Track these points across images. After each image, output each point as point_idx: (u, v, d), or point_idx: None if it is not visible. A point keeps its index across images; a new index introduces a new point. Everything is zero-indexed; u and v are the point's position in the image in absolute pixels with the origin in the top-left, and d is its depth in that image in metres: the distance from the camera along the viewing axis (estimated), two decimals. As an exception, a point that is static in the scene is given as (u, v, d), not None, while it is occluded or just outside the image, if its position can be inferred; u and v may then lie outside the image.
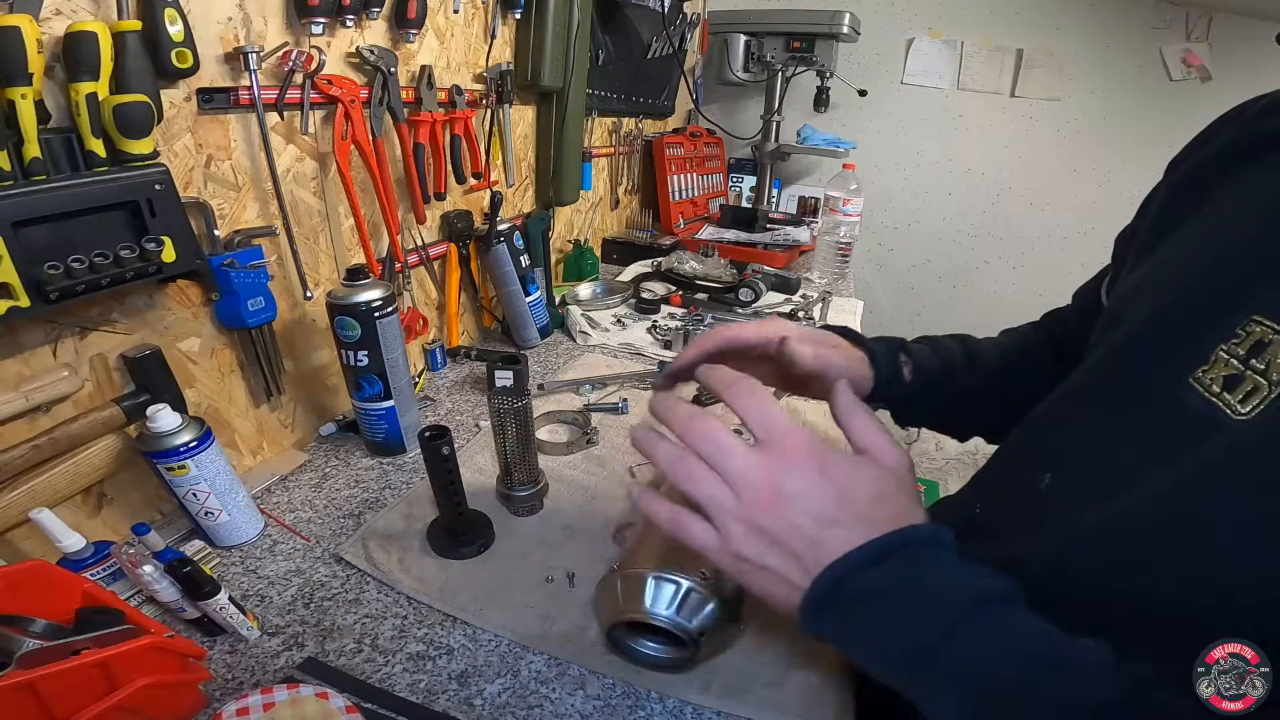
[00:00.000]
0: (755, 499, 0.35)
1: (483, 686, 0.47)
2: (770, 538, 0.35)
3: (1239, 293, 0.33)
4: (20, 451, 0.49)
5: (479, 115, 0.94)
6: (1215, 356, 0.32)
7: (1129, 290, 0.44)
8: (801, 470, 0.35)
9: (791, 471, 0.35)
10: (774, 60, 1.68)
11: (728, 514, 0.36)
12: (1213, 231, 0.38)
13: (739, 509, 0.35)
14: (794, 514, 0.35)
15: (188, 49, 0.52)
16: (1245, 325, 0.31)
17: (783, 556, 0.35)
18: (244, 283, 0.61)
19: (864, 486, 0.36)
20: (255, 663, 0.48)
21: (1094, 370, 0.42)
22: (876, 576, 0.34)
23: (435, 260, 0.93)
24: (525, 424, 0.60)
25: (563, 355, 1.03)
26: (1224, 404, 0.31)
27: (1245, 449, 0.29)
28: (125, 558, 0.45)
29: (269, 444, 0.73)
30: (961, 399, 0.59)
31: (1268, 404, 0.29)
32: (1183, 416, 0.32)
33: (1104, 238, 0.53)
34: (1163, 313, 0.37)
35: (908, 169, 2.00)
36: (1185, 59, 1.66)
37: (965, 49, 1.82)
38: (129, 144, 0.48)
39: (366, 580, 0.56)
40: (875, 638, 0.35)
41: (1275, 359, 0.29)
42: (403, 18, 0.74)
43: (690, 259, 1.32)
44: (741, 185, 2.01)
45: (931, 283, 2.13)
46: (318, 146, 0.70)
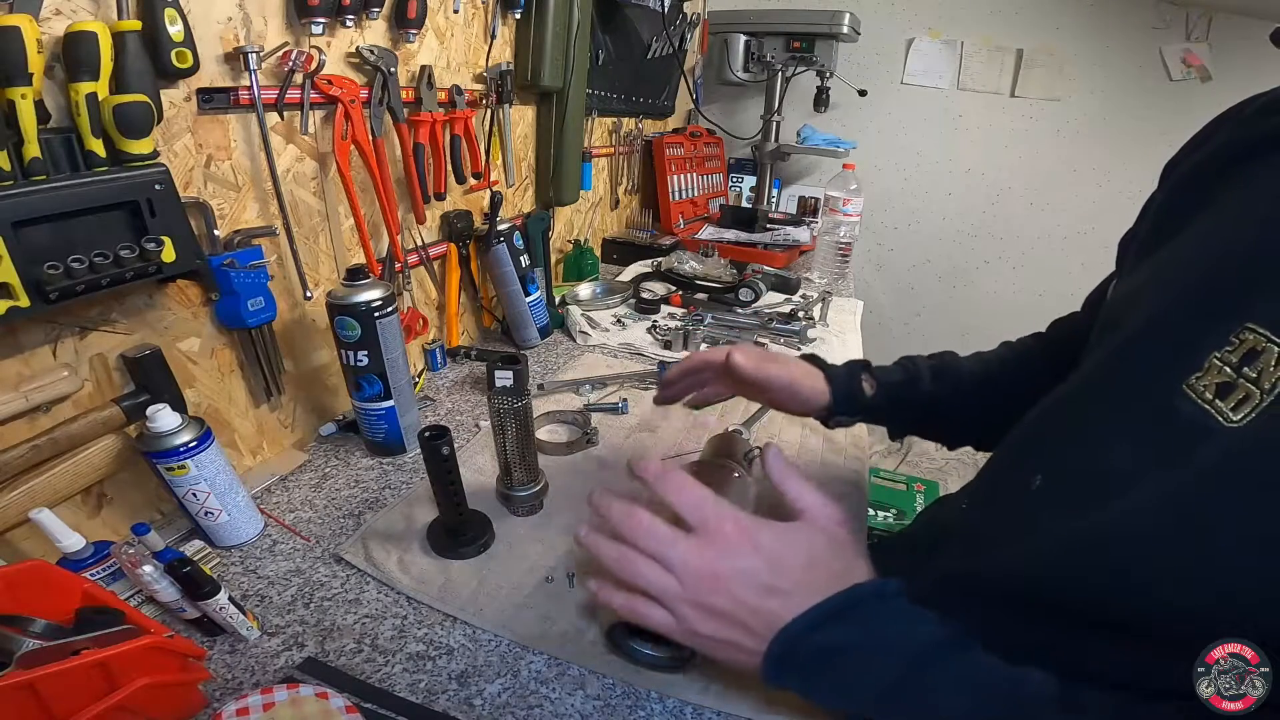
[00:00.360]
0: (698, 583, 0.39)
1: (483, 686, 0.47)
2: (719, 614, 0.39)
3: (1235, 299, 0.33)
4: (20, 451, 0.49)
5: (479, 115, 0.94)
6: (1209, 364, 0.32)
7: (1126, 294, 0.44)
8: (734, 550, 0.39)
9: (725, 553, 0.39)
10: (774, 60, 1.68)
11: (677, 599, 0.39)
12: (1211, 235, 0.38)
13: (685, 593, 0.39)
14: (735, 590, 0.38)
15: (188, 49, 0.52)
16: (1239, 333, 0.31)
17: (734, 629, 0.39)
18: (244, 283, 0.61)
19: (795, 554, 0.40)
20: (255, 663, 0.48)
21: (1090, 374, 0.42)
22: (831, 635, 0.37)
23: (435, 260, 0.93)
24: (525, 424, 0.60)
25: (563, 355, 1.03)
26: (1216, 411, 0.31)
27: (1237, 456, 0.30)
28: (125, 558, 0.45)
29: (269, 444, 0.73)
30: (933, 406, 0.61)
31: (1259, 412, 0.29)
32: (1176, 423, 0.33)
33: (1104, 238, 0.53)
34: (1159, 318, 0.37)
35: (908, 169, 2.01)
36: (1185, 59, 1.66)
37: (965, 49, 1.82)
38: (129, 144, 0.48)
39: (366, 580, 0.56)
40: (838, 690, 0.38)
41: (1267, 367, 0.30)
42: (403, 18, 0.74)
43: (690, 259, 1.32)
44: (741, 185, 2.01)
45: (931, 283, 2.13)
46: (318, 146, 0.70)
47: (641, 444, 0.78)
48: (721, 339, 1.07)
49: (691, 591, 0.39)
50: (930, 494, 1.85)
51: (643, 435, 0.80)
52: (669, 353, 1.03)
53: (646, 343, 1.07)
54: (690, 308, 1.21)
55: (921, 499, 1.82)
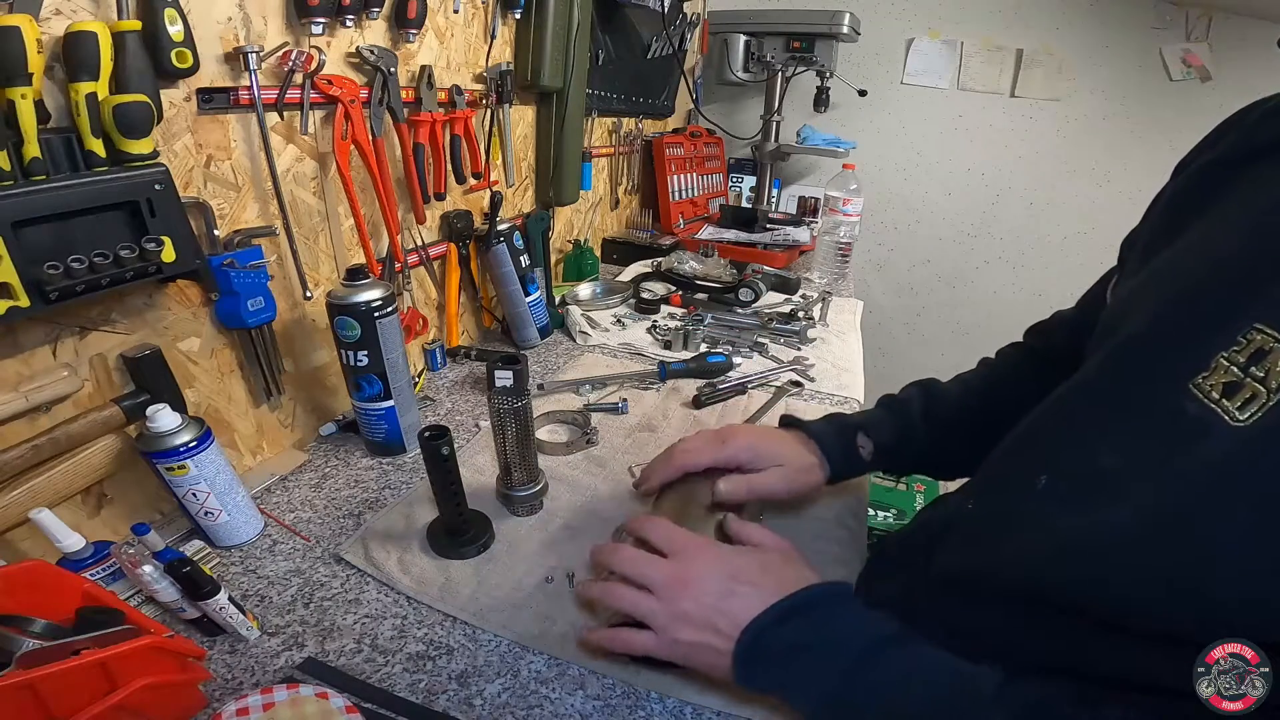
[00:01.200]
0: (672, 593, 0.44)
1: (483, 686, 0.47)
2: (690, 618, 0.43)
3: (1241, 300, 0.33)
4: (20, 451, 0.49)
5: (479, 115, 0.94)
6: (1215, 363, 0.32)
7: (1130, 293, 0.43)
8: (699, 560, 0.45)
9: (691, 563, 0.45)
10: (774, 60, 1.68)
11: (657, 613, 0.44)
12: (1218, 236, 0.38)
13: (663, 605, 0.44)
14: (701, 594, 0.43)
15: (188, 49, 0.52)
16: (1246, 333, 0.31)
17: (705, 632, 0.43)
18: (244, 283, 0.61)
19: (751, 563, 0.46)
20: (255, 663, 0.48)
21: (1094, 373, 0.42)
22: (790, 632, 0.41)
23: (435, 260, 0.93)
24: (525, 424, 0.60)
25: (563, 355, 1.03)
26: (1223, 410, 0.31)
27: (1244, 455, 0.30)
28: (125, 558, 0.45)
29: (269, 444, 0.73)
30: (926, 453, 0.64)
31: (1266, 411, 0.29)
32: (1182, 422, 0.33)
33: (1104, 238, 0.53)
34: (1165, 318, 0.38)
35: (908, 169, 2.01)
36: (1185, 59, 1.66)
37: (965, 49, 1.82)
38: (129, 144, 0.48)
39: (366, 580, 0.56)
40: (800, 685, 0.41)
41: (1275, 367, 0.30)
42: (403, 18, 0.74)
43: (690, 259, 1.32)
44: (741, 185, 2.01)
45: (931, 283, 2.13)
46: (318, 146, 0.70)
47: (641, 444, 0.78)
48: (721, 339, 1.07)
49: (666, 601, 0.44)
50: (930, 494, 1.85)
51: (643, 435, 0.80)
52: (669, 353, 1.03)
53: (646, 343, 1.07)
54: (690, 308, 1.21)
55: (921, 499, 1.82)
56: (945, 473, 0.68)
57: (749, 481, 0.57)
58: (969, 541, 0.47)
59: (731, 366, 0.97)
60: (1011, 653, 0.40)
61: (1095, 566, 0.35)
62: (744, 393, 0.91)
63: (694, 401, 0.88)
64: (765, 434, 0.62)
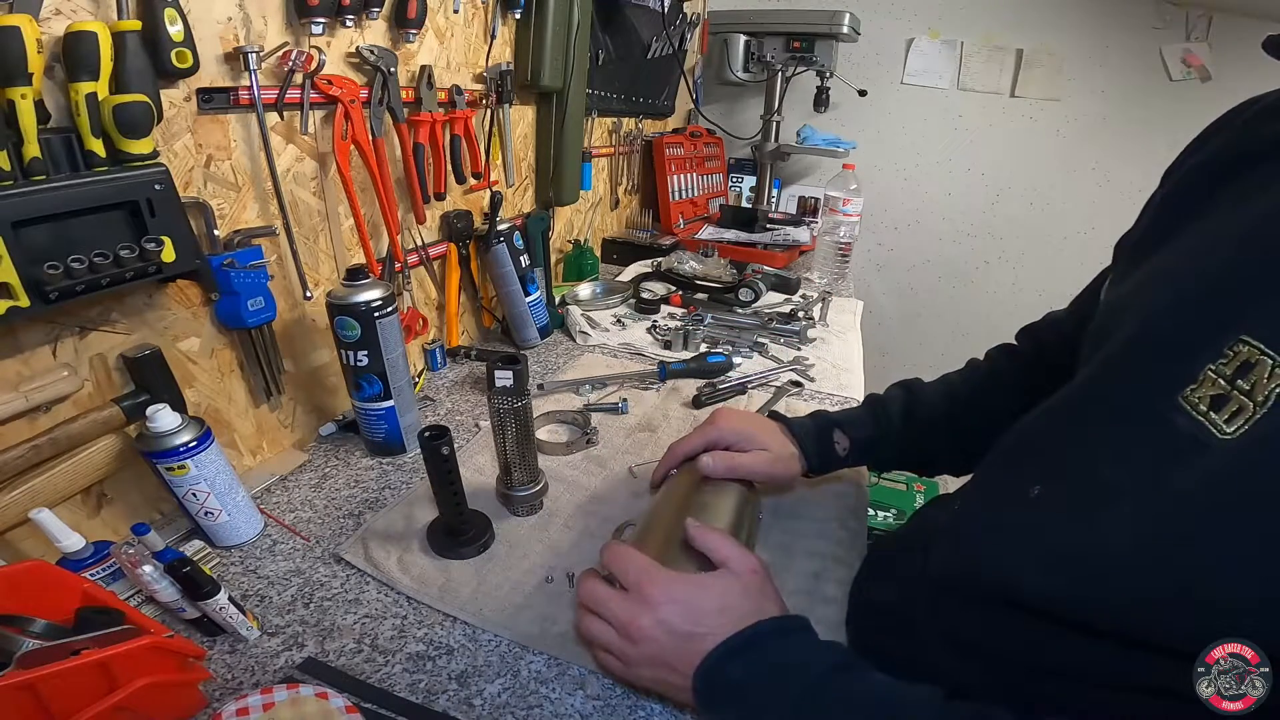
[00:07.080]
0: (628, 634, 0.44)
1: (482, 686, 0.47)
2: (648, 660, 0.44)
3: (1230, 311, 0.33)
4: (20, 451, 0.49)
5: (479, 115, 0.94)
6: (1204, 376, 0.32)
7: (1122, 298, 0.43)
8: (654, 605, 0.44)
9: (647, 608, 0.44)
10: (774, 60, 1.68)
11: (618, 649, 0.45)
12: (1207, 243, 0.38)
13: (623, 645, 0.45)
14: (657, 639, 0.44)
15: (188, 49, 0.52)
16: (1233, 345, 0.31)
17: (663, 670, 0.44)
18: (244, 283, 0.61)
19: (708, 602, 0.45)
20: (255, 663, 0.48)
21: (1087, 381, 0.41)
22: (738, 669, 0.42)
23: (435, 260, 0.93)
24: (525, 424, 0.60)
25: (563, 355, 1.03)
26: (1211, 424, 0.31)
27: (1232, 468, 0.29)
28: (125, 558, 0.45)
29: (269, 444, 0.73)
30: (907, 449, 0.65)
31: (1253, 424, 0.29)
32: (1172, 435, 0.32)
33: (1104, 238, 0.53)
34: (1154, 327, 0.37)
35: (908, 169, 2.01)
36: (1185, 59, 1.66)
37: (965, 49, 1.82)
38: (129, 144, 0.48)
39: (366, 580, 0.56)
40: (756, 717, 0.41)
41: (1261, 380, 0.29)
42: (403, 18, 0.74)
43: (690, 259, 1.32)
44: (741, 185, 2.01)
45: (931, 283, 2.13)
46: (317, 146, 0.70)
47: (641, 444, 0.78)
48: (721, 339, 1.07)
49: (624, 640, 0.45)
50: (930, 494, 1.85)
51: (643, 435, 0.80)
52: (669, 353, 1.03)
53: (646, 343, 1.07)
54: (690, 308, 1.21)
55: (921, 499, 1.82)
56: (926, 470, 0.69)
57: (732, 459, 0.60)
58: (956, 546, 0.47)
59: (731, 366, 0.97)
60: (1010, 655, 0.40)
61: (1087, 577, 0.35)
62: (744, 393, 0.91)
63: (694, 401, 0.88)
64: (754, 420, 0.65)
